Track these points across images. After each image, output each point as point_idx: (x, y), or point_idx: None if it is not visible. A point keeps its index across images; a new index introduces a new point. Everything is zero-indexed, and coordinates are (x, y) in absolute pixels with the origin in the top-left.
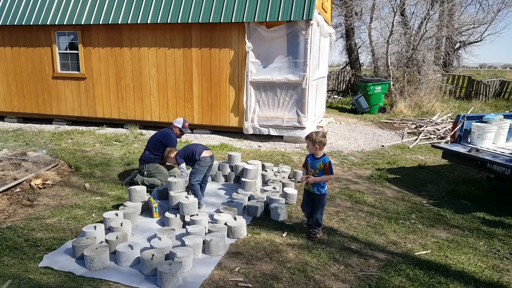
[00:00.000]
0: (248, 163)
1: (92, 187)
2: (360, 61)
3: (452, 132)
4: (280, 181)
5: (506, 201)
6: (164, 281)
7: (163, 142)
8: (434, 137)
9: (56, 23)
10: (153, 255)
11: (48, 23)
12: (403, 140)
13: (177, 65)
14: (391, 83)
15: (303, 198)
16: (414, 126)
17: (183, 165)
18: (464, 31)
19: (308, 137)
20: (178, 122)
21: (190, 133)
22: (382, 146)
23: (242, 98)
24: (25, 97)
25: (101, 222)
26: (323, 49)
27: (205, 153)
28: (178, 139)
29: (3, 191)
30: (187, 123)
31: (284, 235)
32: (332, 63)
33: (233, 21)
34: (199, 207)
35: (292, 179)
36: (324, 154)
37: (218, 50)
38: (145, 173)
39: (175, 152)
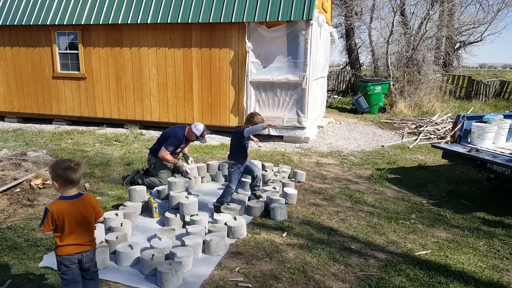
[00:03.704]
0: None
1: (92, 187)
2: (360, 61)
3: (452, 132)
4: (280, 181)
5: (506, 201)
6: (164, 281)
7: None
8: (434, 137)
9: (56, 23)
10: (153, 255)
11: (48, 23)
12: (403, 140)
13: (177, 65)
14: (391, 83)
15: None
16: (414, 126)
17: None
18: (464, 31)
19: (51, 167)
20: (198, 130)
21: (205, 143)
22: (382, 146)
23: (242, 98)
24: (25, 97)
25: (101, 222)
26: (323, 49)
27: None
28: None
29: (3, 191)
30: (205, 132)
31: (284, 235)
32: (332, 63)
33: (233, 21)
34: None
35: (292, 179)
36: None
37: (218, 50)
38: (152, 166)
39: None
